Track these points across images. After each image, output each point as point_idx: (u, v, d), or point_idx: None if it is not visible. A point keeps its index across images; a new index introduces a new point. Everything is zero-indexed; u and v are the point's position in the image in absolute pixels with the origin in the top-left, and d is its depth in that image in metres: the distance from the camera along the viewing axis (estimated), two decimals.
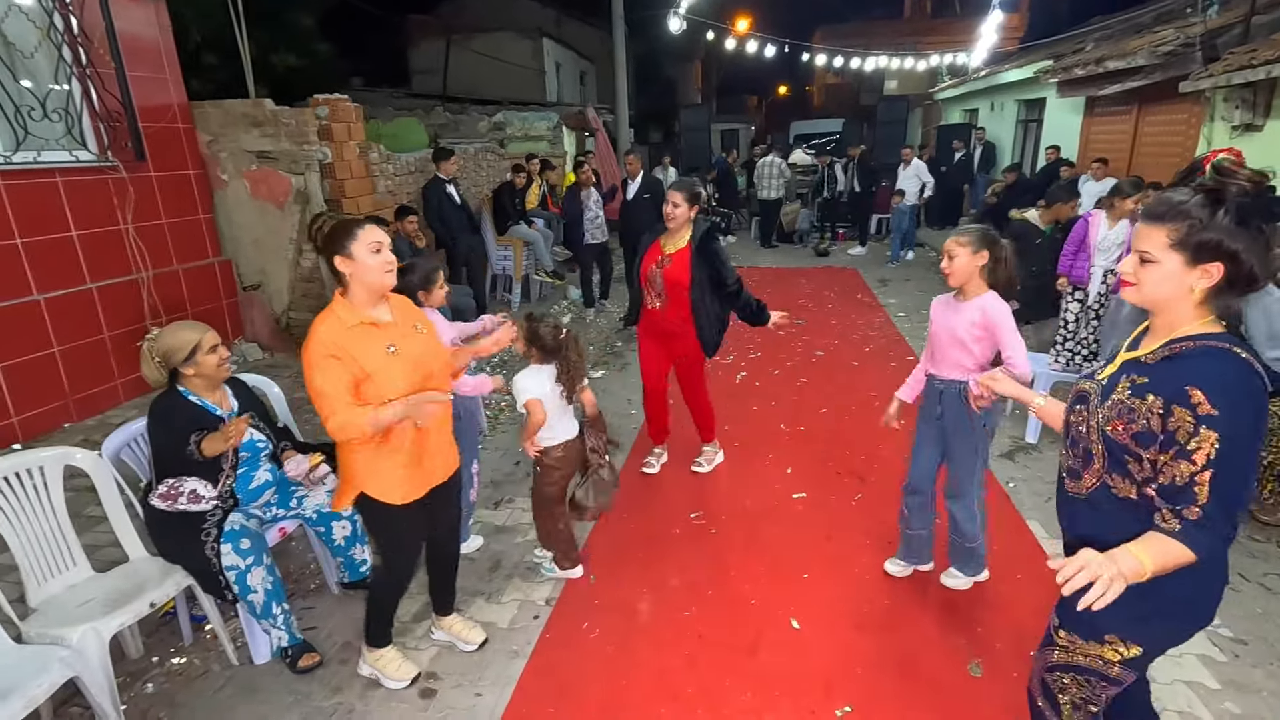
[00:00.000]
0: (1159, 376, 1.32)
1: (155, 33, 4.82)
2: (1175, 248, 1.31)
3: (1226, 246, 1.27)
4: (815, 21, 24.84)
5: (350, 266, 1.99)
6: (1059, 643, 1.53)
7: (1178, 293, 1.33)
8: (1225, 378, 1.25)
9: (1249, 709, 2.20)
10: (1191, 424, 1.24)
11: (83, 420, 4.25)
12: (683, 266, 3.32)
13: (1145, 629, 1.42)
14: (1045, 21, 18.14)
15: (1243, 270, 1.28)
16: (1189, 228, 1.29)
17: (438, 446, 2.25)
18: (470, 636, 2.56)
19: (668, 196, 3.32)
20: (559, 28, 19.68)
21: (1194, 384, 1.25)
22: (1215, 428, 1.22)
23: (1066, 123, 9.75)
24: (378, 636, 2.38)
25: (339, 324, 2.00)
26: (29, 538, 2.28)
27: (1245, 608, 2.65)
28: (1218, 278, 1.29)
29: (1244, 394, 1.25)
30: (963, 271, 2.42)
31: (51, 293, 4.12)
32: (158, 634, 2.65)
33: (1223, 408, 1.22)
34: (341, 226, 2.02)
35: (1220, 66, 5.78)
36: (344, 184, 5.66)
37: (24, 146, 3.98)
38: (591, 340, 6.51)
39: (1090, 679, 1.51)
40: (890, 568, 2.91)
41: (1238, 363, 1.27)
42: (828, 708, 2.25)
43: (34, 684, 1.89)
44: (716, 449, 3.94)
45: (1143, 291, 1.37)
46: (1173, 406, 1.27)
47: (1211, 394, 1.23)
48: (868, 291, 8.12)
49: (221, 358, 2.41)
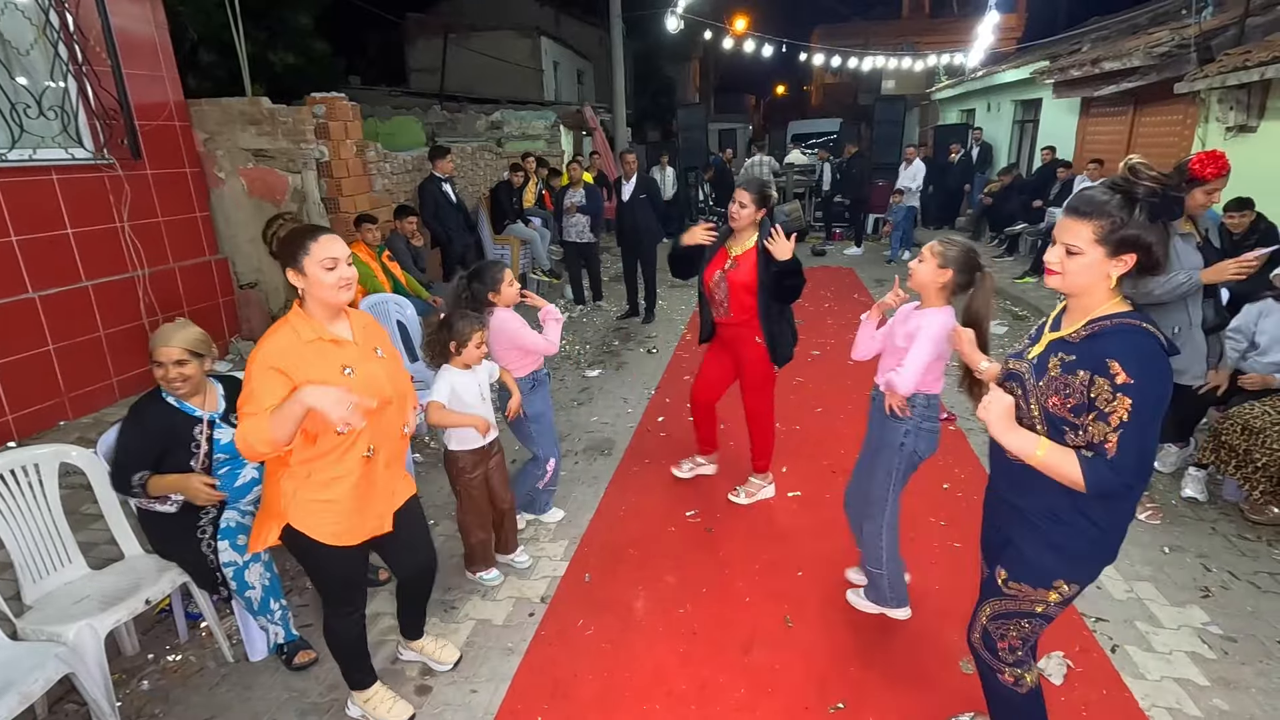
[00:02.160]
0: (1084, 352, 1.50)
1: (151, 30, 4.81)
2: (1099, 242, 1.48)
3: (1142, 240, 1.46)
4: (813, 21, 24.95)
5: (302, 281, 1.83)
6: (1008, 593, 1.69)
7: (1097, 279, 1.51)
8: (1138, 350, 1.44)
9: (1238, 706, 2.21)
10: (1110, 391, 1.43)
11: (78, 418, 4.25)
12: (750, 269, 3.09)
13: (1080, 567, 1.63)
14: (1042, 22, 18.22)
15: (1152, 259, 1.48)
16: (1111, 224, 1.46)
17: (386, 487, 2.03)
18: (443, 656, 2.44)
19: (735, 196, 3.07)
20: (557, 26, 19.69)
21: (1112, 357, 1.44)
22: (1129, 394, 1.41)
23: (1062, 123, 9.78)
24: (357, 681, 2.21)
25: (294, 338, 1.82)
26: (24, 535, 2.29)
27: (1234, 606, 2.67)
28: (1130, 265, 1.49)
29: (1153, 363, 1.43)
30: (920, 279, 2.27)
31: (47, 290, 4.11)
32: (153, 631, 2.66)
33: (1136, 376, 1.41)
34: (294, 236, 1.84)
35: (1215, 68, 5.80)
36: (341, 182, 5.66)
37: (19, 144, 3.97)
38: (587, 339, 6.53)
39: (1030, 620, 1.70)
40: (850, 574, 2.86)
41: (1147, 337, 1.45)
42: (821, 705, 2.27)
43: (29, 680, 1.89)
44: (767, 480, 3.57)
45: (1067, 279, 1.54)
46: (1095, 377, 1.46)
47: (1127, 365, 1.42)
48: (864, 291, 8.14)
49: (174, 376, 2.29)
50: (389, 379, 2.00)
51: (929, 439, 2.39)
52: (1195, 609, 2.66)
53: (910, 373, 2.24)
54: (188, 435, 2.35)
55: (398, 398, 2.04)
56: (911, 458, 2.40)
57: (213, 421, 2.41)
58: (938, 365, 2.30)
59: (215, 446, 2.40)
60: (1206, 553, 3.00)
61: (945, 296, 2.27)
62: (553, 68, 18.98)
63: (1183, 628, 2.56)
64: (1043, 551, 1.63)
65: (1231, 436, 3.14)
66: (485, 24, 17.60)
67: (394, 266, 5.18)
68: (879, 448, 2.46)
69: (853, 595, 2.74)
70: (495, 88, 16.08)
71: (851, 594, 2.75)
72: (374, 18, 14.82)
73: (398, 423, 2.06)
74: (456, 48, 17.31)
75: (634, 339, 6.53)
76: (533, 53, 17.85)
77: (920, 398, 2.34)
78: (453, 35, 17.37)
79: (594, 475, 3.88)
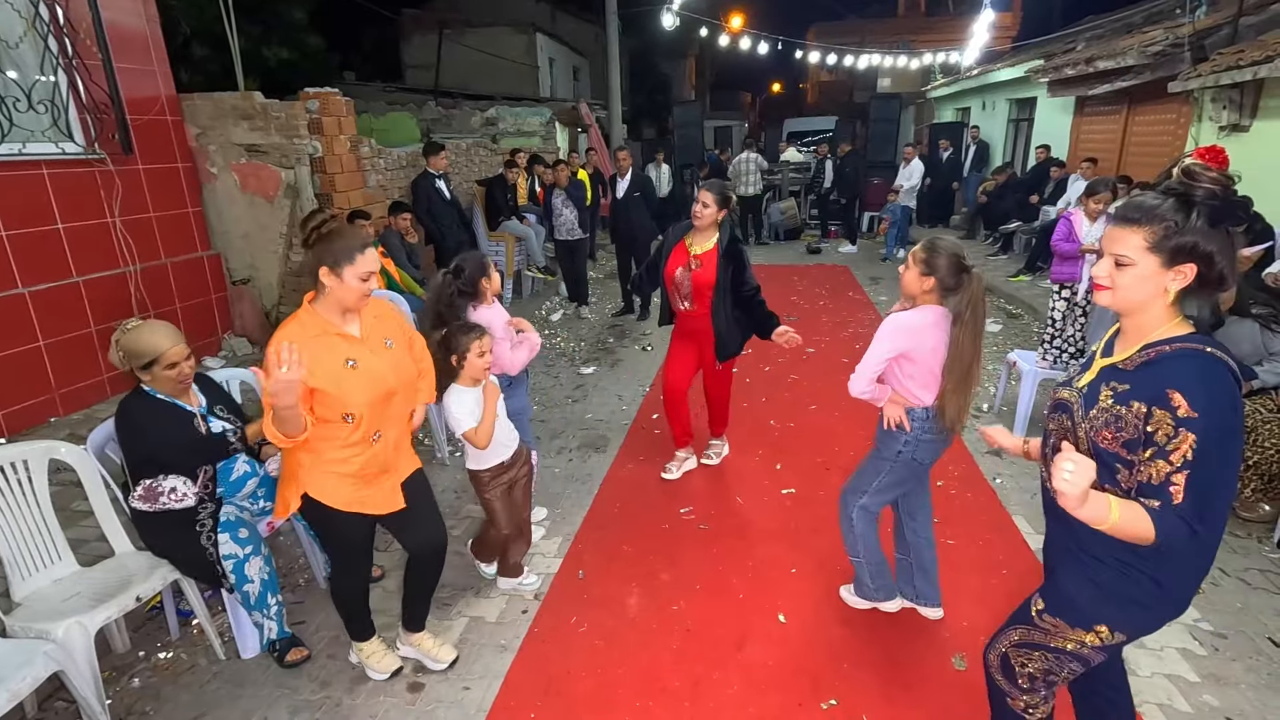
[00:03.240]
0: (1139, 382, 1.33)
1: (143, 24, 4.77)
2: (1152, 250, 1.32)
3: (1201, 248, 1.29)
4: (809, 19, 24.93)
5: (333, 283, 1.93)
6: (1041, 625, 1.55)
7: (1153, 294, 1.35)
8: (1203, 380, 1.27)
9: (1228, 702, 2.23)
10: (1171, 426, 1.26)
11: (69, 414, 4.23)
12: (711, 269, 3.30)
13: (1133, 618, 1.45)
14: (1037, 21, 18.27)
15: (1214, 271, 1.30)
16: (1165, 230, 1.30)
17: (395, 466, 2.16)
18: (441, 655, 2.44)
19: (698, 196, 3.28)
20: (553, 23, 19.63)
21: (1173, 387, 1.27)
22: (1193, 429, 1.24)
23: (1057, 122, 9.81)
24: (357, 632, 2.38)
25: (300, 332, 1.92)
26: (14, 532, 2.27)
27: (1225, 602, 2.69)
28: (1190, 279, 1.32)
29: (1220, 394, 1.27)
30: (907, 286, 2.26)
31: (37, 286, 4.08)
32: (144, 628, 2.64)
33: (1201, 409, 1.24)
34: (342, 241, 1.92)
35: (1208, 67, 5.82)
36: (334, 178, 5.63)
37: (9, 138, 3.94)
38: (582, 336, 6.52)
39: (1060, 657, 1.54)
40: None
41: (1214, 364, 1.29)
42: (814, 701, 2.27)
43: (18, 678, 1.88)
44: (724, 443, 3.99)
45: (1118, 294, 1.38)
46: (1154, 409, 1.29)
47: (1190, 396, 1.25)
48: (859, 289, 8.15)
49: (179, 376, 2.30)
50: (393, 370, 2.07)
51: (930, 447, 2.34)
52: None
53: (860, 373, 2.27)
54: (187, 425, 2.33)
55: (403, 387, 2.13)
56: (911, 465, 2.37)
57: (204, 415, 2.41)
58: (927, 377, 2.25)
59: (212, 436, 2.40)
60: None
61: (934, 300, 2.23)
62: (548, 64, 18.94)
63: (1173, 624, 2.56)
64: (1082, 587, 1.47)
65: None
66: (480, 20, 17.54)
67: (388, 263, 5.16)
68: (877, 448, 2.45)
69: (844, 590, 2.76)
70: (490, 84, 16.02)
71: (844, 589, 2.76)
72: (369, 13, 14.74)
73: (404, 409, 2.19)
74: (451, 43, 17.25)
75: (629, 336, 6.53)
76: (528, 49, 17.80)
77: (919, 410, 2.29)
78: (448, 31, 17.31)
79: (588, 472, 3.87)
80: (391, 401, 2.07)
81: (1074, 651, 1.52)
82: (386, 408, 2.06)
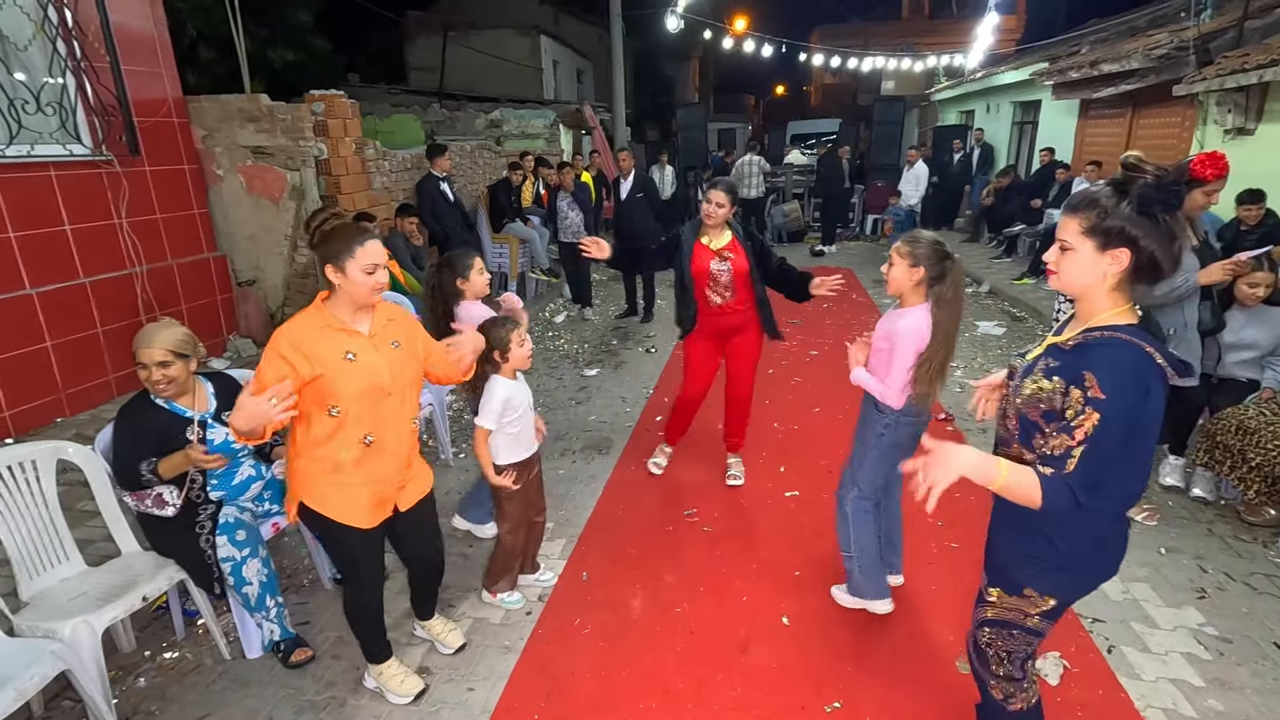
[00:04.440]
0: (1068, 361, 1.43)
1: (150, 26, 4.80)
2: (1086, 234, 1.41)
3: (1128, 232, 1.37)
4: (813, 21, 24.95)
5: (339, 279, 1.92)
6: (989, 599, 1.68)
7: (1092, 278, 1.44)
8: (1118, 365, 1.35)
9: (1233, 706, 2.22)
10: (1080, 404, 1.36)
11: (76, 415, 4.24)
12: (743, 255, 3.36)
13: (1051, 582, 1.56)
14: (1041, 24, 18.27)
15: (1144, 255, 1.38)
16: (1097, 215, 1.40)
17: (393, 476, 2.10)
18: (449, 639, 2.51)
19: (710, 197, 3.31)
20: (557, 25, 19.67)
21: (1089, 369, 1.36)
22: (1099, 409, 1.34)
23: (1061, 125, 9.79)
24: (374, 654, 2.31)
25: (308, 324, 1.95)
26: (21, 531, 2.28)
27: (1230, 606, 2.68)
28: (1125, 263, 1.39)
29: (1131, 381, 1.34)
30: (896, 282, 2.30)
31: (44, 287, 4.10)
32: (150, 628, 2.65)
33: (1110, 392, 1.33)
34: (343, 236, 1.92)
35: (1213, 70, 5.81)
36: (339, 180, 5.65)
37: (17, 140, 3.96)
38: (585, 338, 6.53)
39: (1014, 632, 1.65)
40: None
41: (1133, 353, 1.36)
42: (817, 704, 2.27)
43: (26, 676, 1.89)
44: (740, 461, 3.85)
45: (1063, 278, 1.49)
46: (1070, 388, 1.39)
47: (1103, 379, 1.34)
48: (862, 292, 8.15)
49: (158, 378, 2.28)
50: (389, 370, 2.03)
51: (909, 430, 2.42)
52: (1191, 610, 2.67)
53: (895, 386, 2.32)
54: (179, 436, 2.31)
55: (399, 390, 2.07)
56: (892, 451, 2.43)
57: (204, 422, 2.39)
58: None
59: (210, 446, 2.37)
60: (1203, 554, 3.01)
61: (923, 292, 2.30)
62: (552, 66, 18.97)
63: (1179, 629, 2.57)
64: (998, 551, 1.64)
65: (1226, 436, 3.15)
66: (485, 22, 17.59)
67: (393, 265, 5.17)
68: (859, 433, 2.57)
69: (836, 590, 2.78)
70: (494, 86, 16.07)
71: (835, 588, 2.78)
72: (374, 15, 14.80)
73: (402, 414, 2.10)
74: (456, 46, 17.30)
75: (633, 338, 6.53)
76: (532, 51, 17.83)
77: None
78: (452, 33, 17.36)
79: (591, 474, 3.88)
80: (383, 402, 2.01)
81: (1021, 624, 1.62)
82: (376, 407, 2.00)
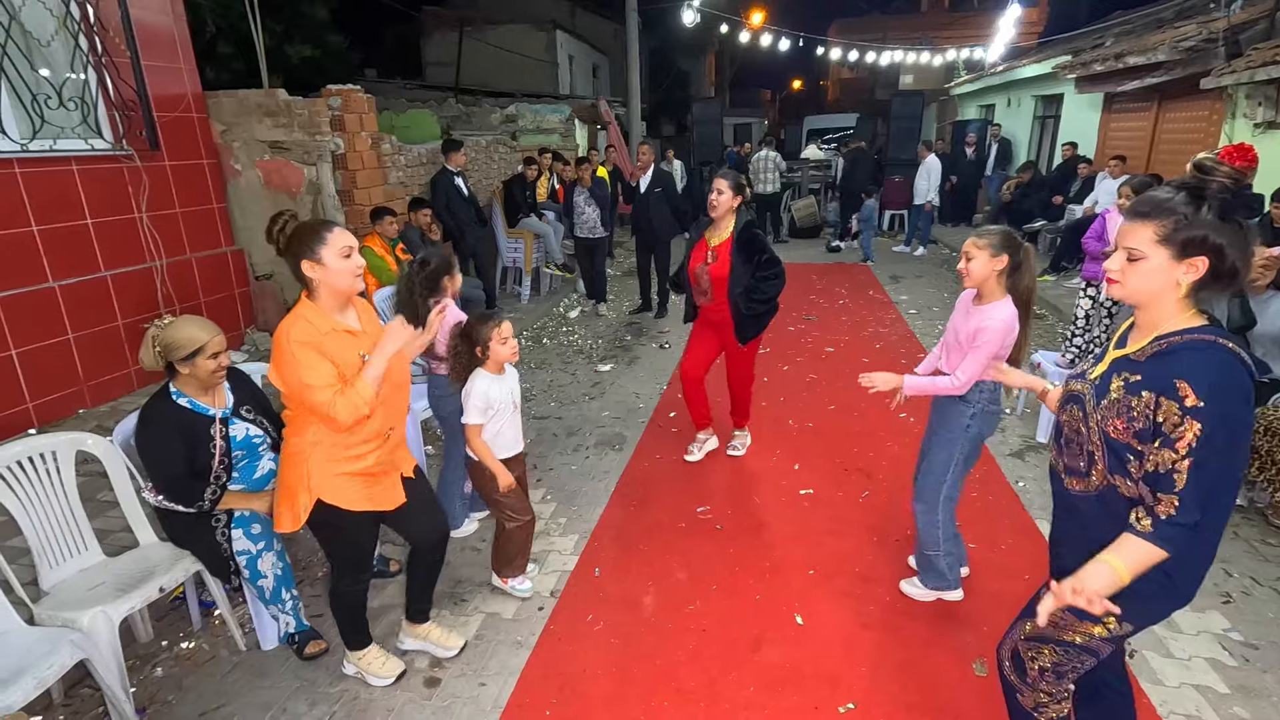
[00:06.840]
0: (1150, 372, 1.35)
1: (170, 22, 4.84)
2: (1162, 243, 1.34)
3: (1212, 241, 1.30)
4: (831, 15, 24.72)
5: (318, 271, 1.92)
6: (1056, 619, 1.55)
7: (1164, 287, 1.36)
8: (1210, 370, 1.28)
9: (1258, 713, 2.17)
10: (1178, 415, 1.28)
11: (96, 406, 4.30)
12: (724, 262, 3.36)
13: (1137, 609, 1.46)
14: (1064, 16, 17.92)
15: (1226, 264, 1.31)
16: (1175, 223, 1.32)
17: (405, 458, 2.25)
18: (449, 642, 2.47)
19: (713, 185, 3.30)
20: (572, 20, 19.65)
21: (1181, 377, 1.28)
22: (1199, 418, 1.26)
23: (1084, 119, 9.62)
24: (358, 641, 2.35)
25: (312, 329, 1.93)
26: (42, 521, 2.31)
27: (1256, 612, 2.62)
28: (1203, 271, 1.32)
29: (1228, 384, 1.28)
30: (979, 274, 2.29)
31: (66, 280, 4.16)
32: (167, 618, 2.68)
33: (1207, 399, 1.26)
34: (308, 229, 1.93)
35: (1243, 62, 5.67)
36: (356, 175, 5.68)
37: (40, 134, 4.01)
38: (599, 333, 6.52)
39: (1069, 650, 1.55)
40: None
41: (1223, 354, 1.30)
42: (831, 704, 2.25)
43: (45, 665, 1.92)
44: (747, 434, 4.04)
45: (1128, 287, 1.40)
46: (1161, 399, 1.31)
47: (1198, 386, 1.26)
48: (879, 288, 8.07)
49: (220, 366, 2.32)
50: (396, 364, 2.10)
51: (992, 420, 2.47)
52: (1216, 615, 2.61)
53: (968, 377, 2.33)
54: (204, 434, 2.34)
55: (405, 381, 2.21)
56: (976, 443, 2.49)
57: (225, 419, 2.41)
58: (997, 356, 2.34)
59: (231, 443, 2.39)
60: (1228, 558, 2.94)
61: (1004, 283, 2.31)
62: (568, 61, 18.95)
63: (1202, 634, 2.51)
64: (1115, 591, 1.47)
65: (1254, 438, 3.08)
66: (501, 18, 17.61)
67: (408, 259, 5.19)
68: (935, 430, 2.55)
69: (906, 584, 2.77)
70: (510, 81, 16.08)
71: (905, 583, 2.78)
72: (390, 11, 14.83)
73: (406, 403, 2.27)
74: (472, 41, 17.32)
75: (646, 334, 6.52)
76: (548, 46, 17.83)
77: (986, 384, 2.40)
78: (468, 29, 17.38)
79: (604, 470, 3.87)
80: (395, 395, 2.12)
81: (1083, 645, 1.53)
82: (393, 399, 2.11)
